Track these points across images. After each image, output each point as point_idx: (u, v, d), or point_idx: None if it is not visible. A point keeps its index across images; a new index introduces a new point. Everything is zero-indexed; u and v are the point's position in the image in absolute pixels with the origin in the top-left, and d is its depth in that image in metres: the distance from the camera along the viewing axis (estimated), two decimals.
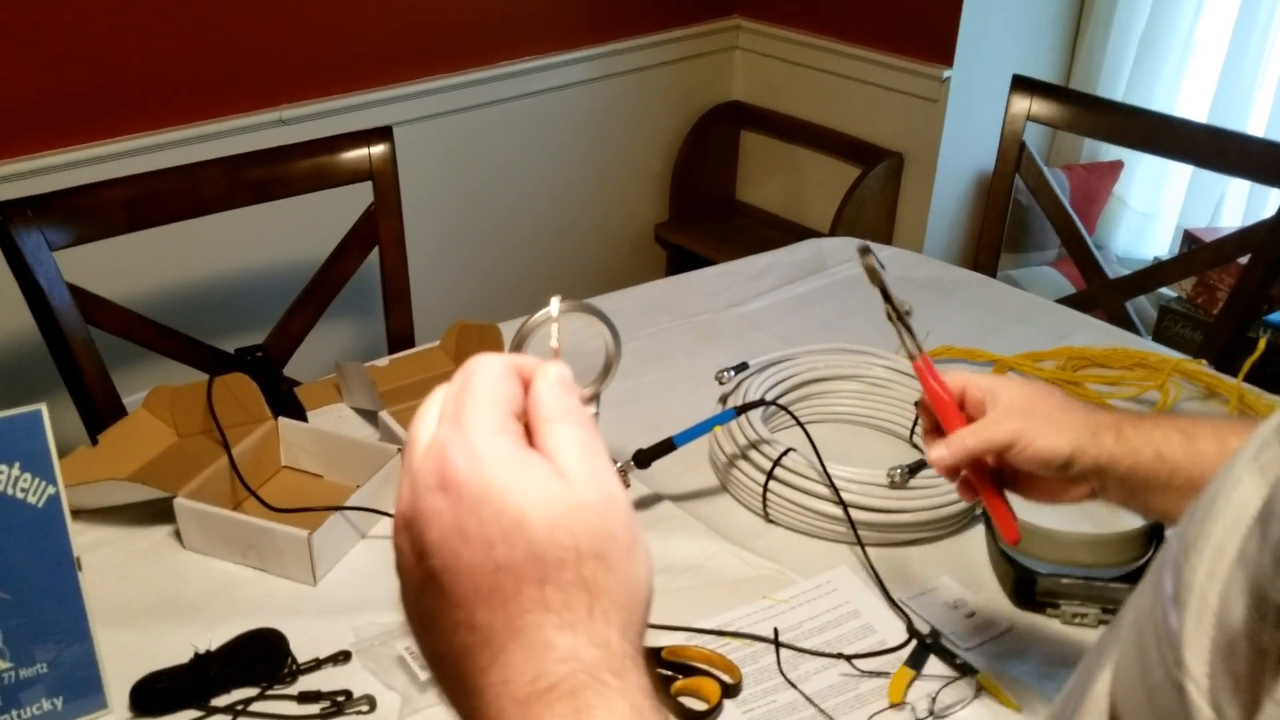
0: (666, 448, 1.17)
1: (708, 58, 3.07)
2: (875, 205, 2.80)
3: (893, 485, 1.14)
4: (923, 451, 1.26)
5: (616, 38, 2.85)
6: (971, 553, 1.15)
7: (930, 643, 1.02)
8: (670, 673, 0.98)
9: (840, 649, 1.02)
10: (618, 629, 0.44)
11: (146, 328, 1.57)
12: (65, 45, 2.08)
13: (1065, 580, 1.05)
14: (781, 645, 1.02)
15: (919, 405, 0.96)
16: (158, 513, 1.15)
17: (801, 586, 1.10)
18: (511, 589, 0.43)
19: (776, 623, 1.05)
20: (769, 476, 1.17)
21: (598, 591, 0.44)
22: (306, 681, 0.99)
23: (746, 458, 1.20)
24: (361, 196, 1.68)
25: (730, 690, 0.97)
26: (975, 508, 1.17)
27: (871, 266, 0.93)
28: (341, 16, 2.41)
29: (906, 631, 1.04)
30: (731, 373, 1.32)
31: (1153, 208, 2.98)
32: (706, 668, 0.99)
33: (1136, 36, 2.84)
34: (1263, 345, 1.30)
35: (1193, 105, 2.84)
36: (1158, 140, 1.88)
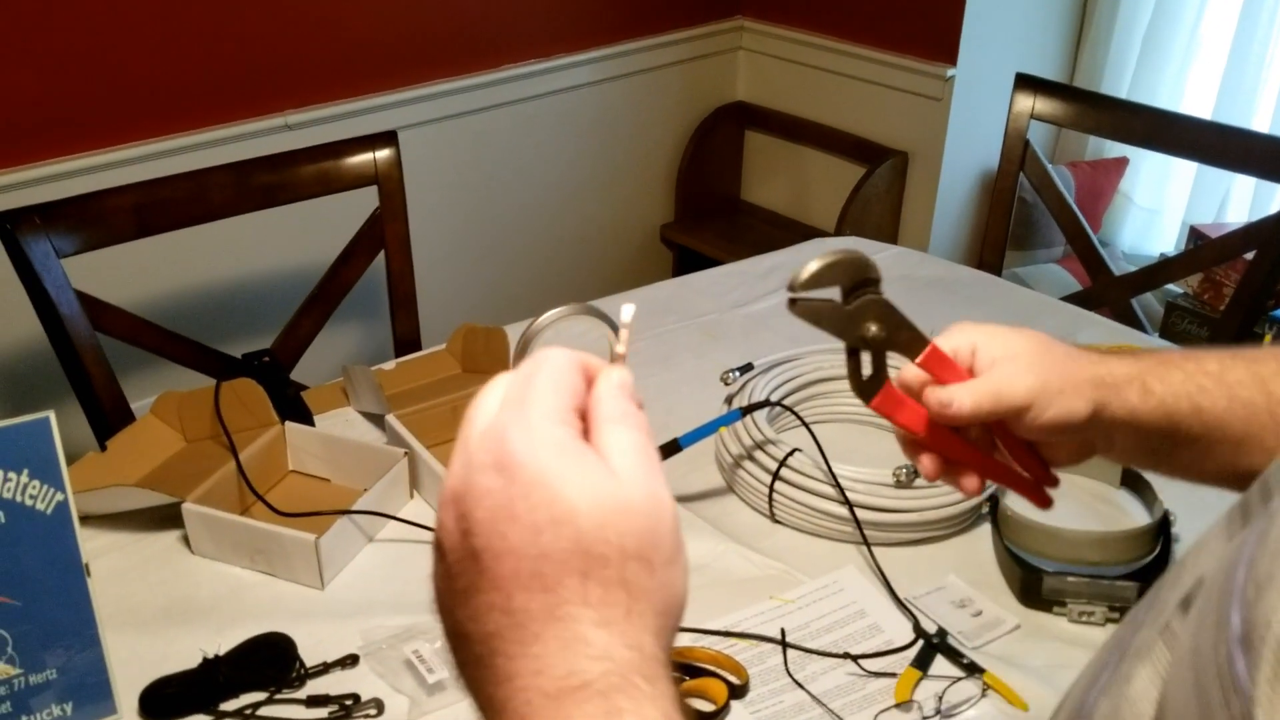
0: (672, 449, 1.17)
1: (712, 59, 3.07)
2: (880, 204, 2.79)
3: (898, 484, 1.14)
4: None
5: (620, 40, 2.86)
6: (978, 552, 1.15)
7: (937, 642, 1.02)
8: (677, 674, 0.98)
9: (847, 649, 1.02)
10: (652, 634, 0.44)
11: (154, 333, 1.58)
12: (70, 53, 2.09)
13: (1072, 579, 1.05)
14: (788, 646, 1.02)
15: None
16: (166, 518, 1.15)
17: (808, 587, 1.10)
18: (553, 578, 0.43)
19: (783, 623, 1.05)
20: (775, 477, 1.17)
21: (637, 593, 0.44)
22: (315, 685, 0.99)
23: (752, 458, 1.20)
24: (367, 201, 1.68)
25: (737, 691, 0.97)
26: (980, 506, 1.17)
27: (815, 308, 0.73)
28: (346, 21, 2.41)
29: (913, 631, 1.04)
30: (737, 373, 1.32)
31: (1158, 204, 2.97)
32: (713, 669, 0.99)
33: (1140, 34, 2.83)
34: (1269, 341, 1.30)
35: (1197, 102, 2.83)
36: (1162, 137, 1.88)
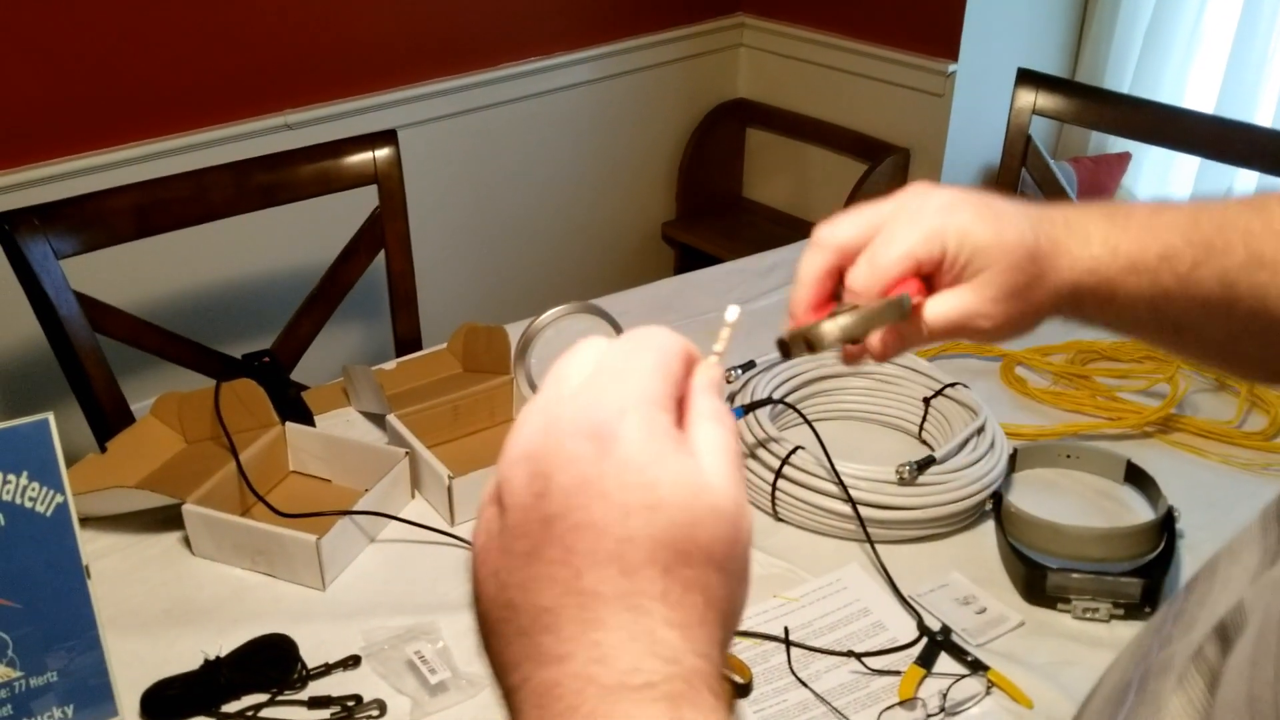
0: None
1: (712, 56, 3.06)
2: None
3: (901, 482, 1.13)
4: (930, 447, 1.26)
5: (620, 37, 2.85)
6: (981, 548, 1.15)
7: (941, 639, 1.02)
8: None
9: (851, 647, 1.02)
10: (718, 646, 0.42)
11: (154, 334, 1.57)
12: (68, 53, 2.09)
13: (1076, 575, 1.05)
14: (792, 644, 1.02)
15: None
16: (167, 519, 1.15)
17: (811, 585, 1.10)
18: (633, 565, 0.41)
19: (787, 621, 1.04)
20: (777, 475, 1.16)
21: (712, 600, 0.42)
22: (316, 687, 0.99)
23: (755, 456, 1.19)
24: (367, 200, 1.68)
25: (741, 690, 0.96)
26: (984, 503, 1.16)
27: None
28: (346, 21, 2.41)
29: (917, 629, 1.04)
30: (739, 371, 1.31)
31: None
32: None
33: (1142, 29, 2.83)
34: None
35: (1199, 97, 2.82)
36: (1165, 132, 1.88)
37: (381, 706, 0.96)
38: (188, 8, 2.19)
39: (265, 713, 0.96)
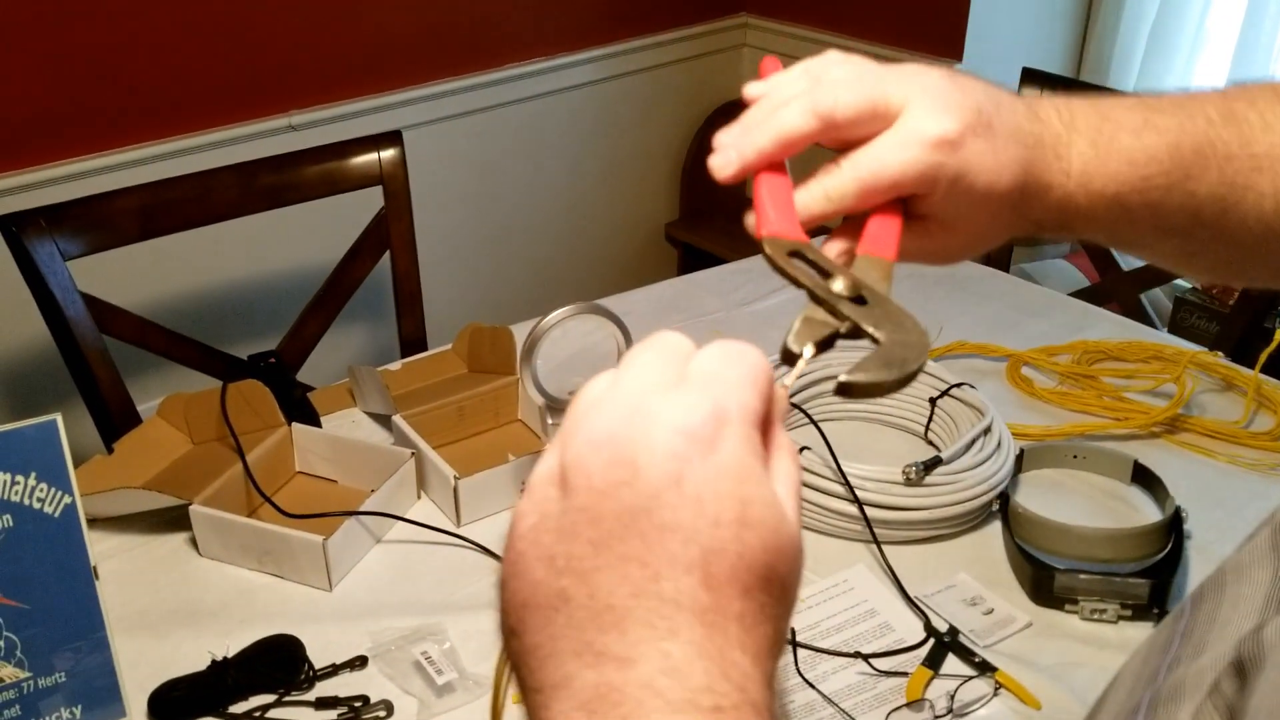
0: None
1: (715, 56, 3.06)
2: None
3: (908, 482, 1.13)
4: (936, 448, 1.25)
5: (624, 38, 2.85)
6: (988, 549, 1.14)
7: (948, 641, 1.02)
8: None
9: (858, 648, 1.01)
10: (774, 683, 0.40)
11: (160, 336, 1.57)
12: (73, 55, 2.09)
13: (1084, 576, 1.04)
14: (799, 645, 1.01)
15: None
16: (173, 520, 1.15)
17: (818, 586, 1.09)
18: (716, 579, 0.39)
19: (794, 622, 1.04)
20: None
21: (779, 635, 0.40)
22: (323, 687, 0.98)
23: None
24: (372, 201, 1.68)
25: None
26: (991, 504, 1.16)
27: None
28: (350, 22, 2.41)
29: (924, 630, 1.03)
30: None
31: None
32: None
33: (1147, 27, 2.82)
34: (1279, 336, 1.29)
35: None
36: None
37: (389, 707, 0.96)
38: (193, 9, 2.19)
39: (272, 713, 0.96)
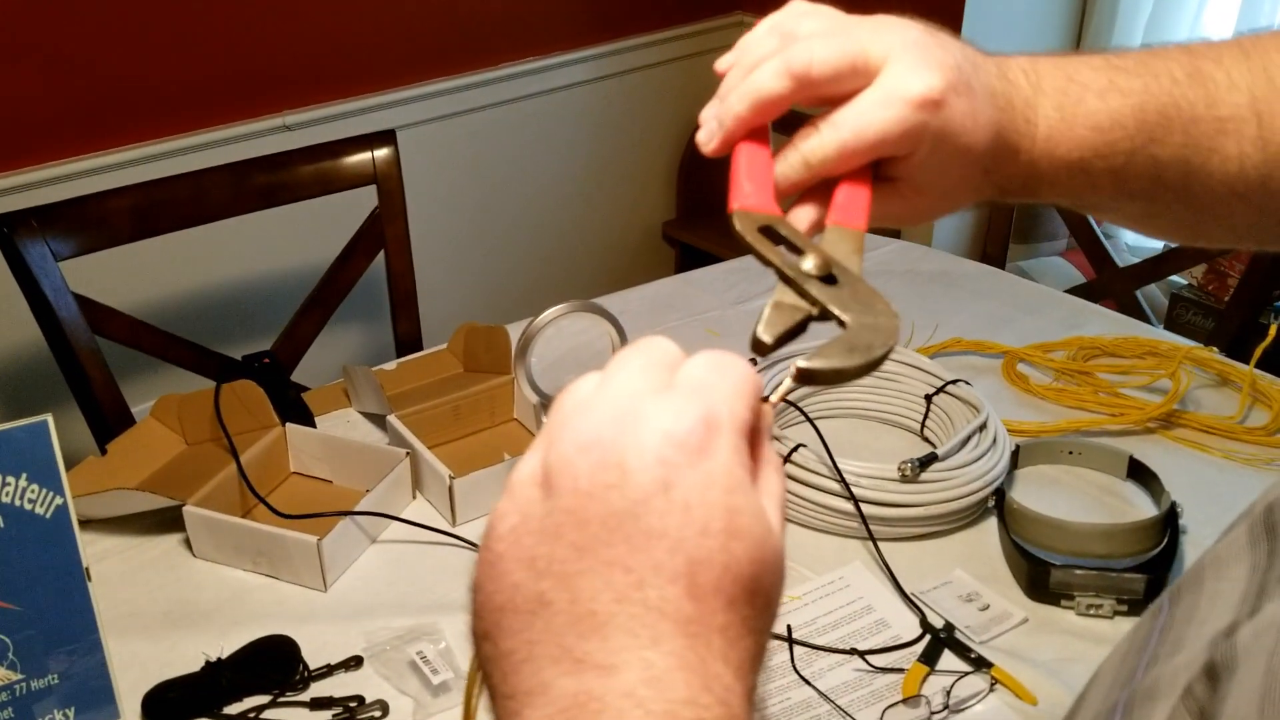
0: None
1: (712, 54, 3.03)
2: None
3: (904, 479, 1.13)
4: (932, 444, 1.25)
5: (619, 36, 2.85)
6: (984, 545, 1.14)
7: (944, 637, 1.02)
8: None
9: (854, 645, 1.01)
10: (754, 698, 0.39)
11: (153, 336, 1.57)
12: (67, 54, 2.08)
13: (1079, 571, 1.04)
14: (794, 642, 1.01)
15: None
16: (167, 521, 1.15)
17: (814, 583, 1.09)
18: (702, 589, 0.38)
19: (789, 620, 1.04)
20: None
21: (760, 649, 0.40)
22: (318, 688, 0.98)
23: None
24: (366, 201, 1.68)
25: None
26: (987, 500, 1.16)
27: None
28: (344, 21, 2.41)
29: (920, 626, 1.03)
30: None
31: None
32: None
33: (1141, 27, 2.82)
34: (1274, 331, 1.29)
35: None
36: None
37: (384, 707, 0.96)
38: (185, 9, 2.19)
39: (267, 714, 0.96)
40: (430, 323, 1.80)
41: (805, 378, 0.49)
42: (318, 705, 0.96)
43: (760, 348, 0.51)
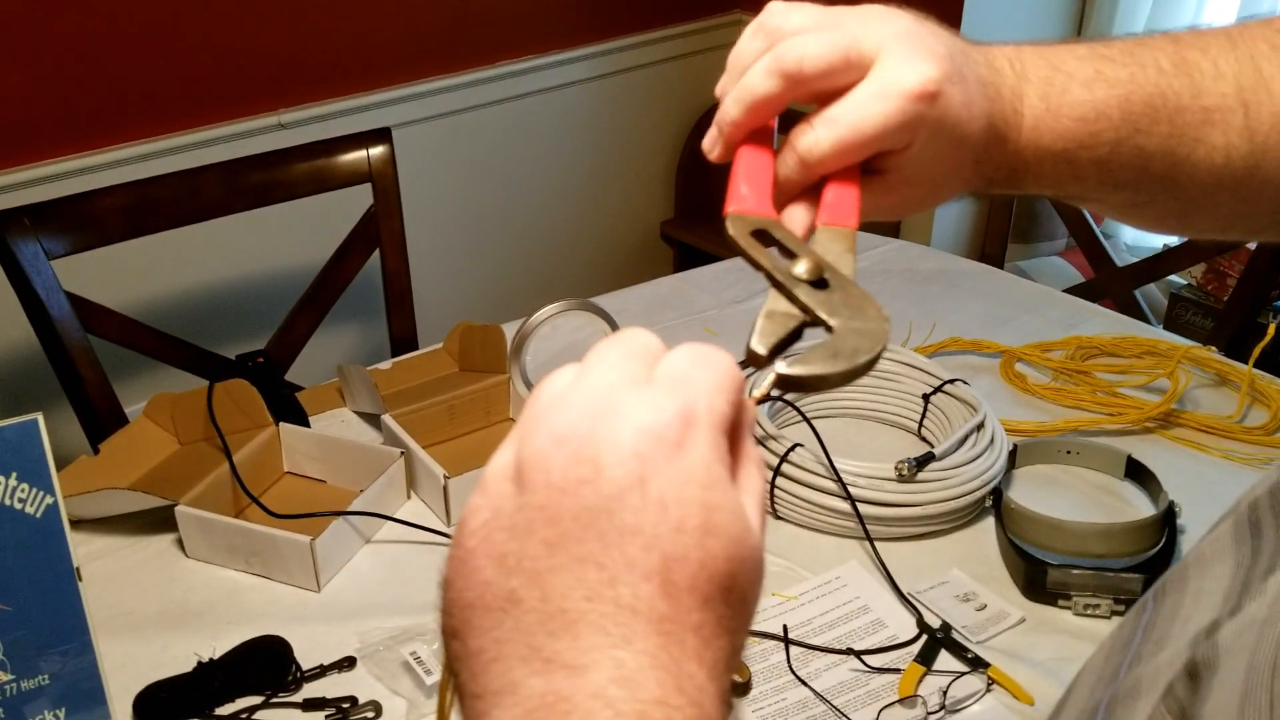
0: None
1: (710, 53, 3.05)
2: None
3: (901, 479, 1.12)
4: (929, 444, 1.25)
5: (617, 35, 2.84)
6: (981, 545, 1.14)
7: (941, 637, 1.01)
8: None
9: (850, 645, 1.01)
10: (728, 699, 0.39)
11: (147, 335, 1.56)
12: (60, 52, 2.08)
13: (1077, 571, 1.04)
14: (791, 643, 1.01)
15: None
16: (160, 521, 1.14)
17: (811, 583, 1.09)
18: (676, 587, 0.37)
19: (786, 620, 1.03)
20: (776, 473, 1.15)
21: (735, 649, 0.39)
22: (311, 689, 0.98)
23: None
24: (362, 199, 1.67)
25: (739, 689, 0.96)
26: (984, 499, 1.15)
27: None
28: (339, 19, 2.40)
29: (917, 626, 1.03)
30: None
31: None
32: None
33: (1140, 27, 2.82)
34: (1273, 330, 1.28)
35: None
36: None
37: (377, 708, 0.95)
38: (180, 6, 2.18)
39: (259, 715, 0.95)
40: (426, 322, 1.79)
41: (786, 384, 0.49)
42: (310, 706, 0.95)
43: (755, 360, 0.50)
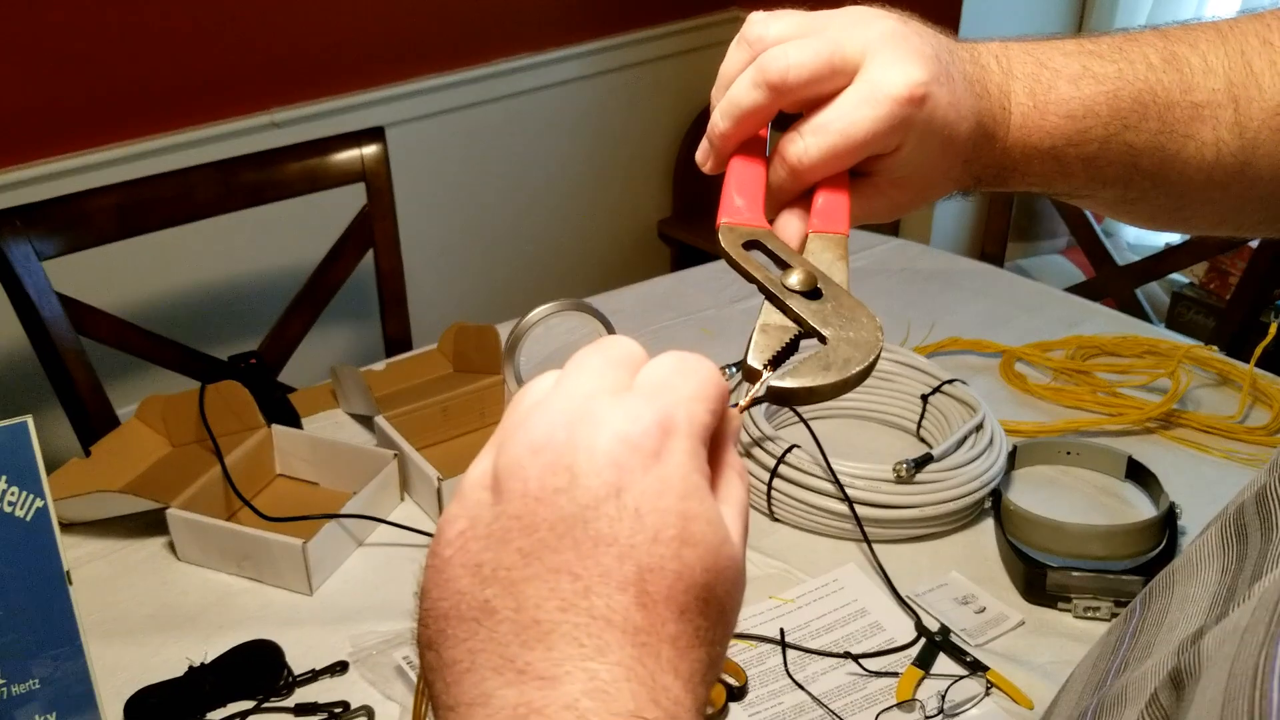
0: None
1: (707, 51, 3.04)
2: None
3: (899, 480, 1.11)
4: (928, 444, 1.24)
5: (613, 32, 2.83)
6: (980, 547, 1.13)
7: (939, 640, 1.00)
8: None
9: (848, 648, 1.00)
10: (704, 711, 0.39)
11: (139, 337, 1.55)
12: (51, 52, 2.07)
13: (1077, 574, 1.03)
14: (787, 646, 1.00)
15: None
16: (151, 524, 1.13)
17: (808, 586, 1.08)
18: (652, 598, 0.37)
19: (783, 623, 1.03)
20: (773, 474, 1.15)
21: (712, 661, 0.39)
22: (303, 693, 0.97)
23: (750, 455, 1.18)
24: (356, 199, 1.66)
25: (736, 693, 0.95)
26: (984, 501, 1.14)
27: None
28: (333, 17, 2.39)
29: (915, 629, 1.02)
30: (734, 369, 1.29)
31: None
32: None
33: (1140, 25, 2.82)
34: (1274, 330, 1.27)
35: None
36: None
37: (369, 713, 0.94)
38: (171, 4, 2.17)
39: None
40: (420, 323, 1.78)
41: (777, 397, 0.49)
42: (302, 711, 0.95)
43: (753, 375, 0.50)
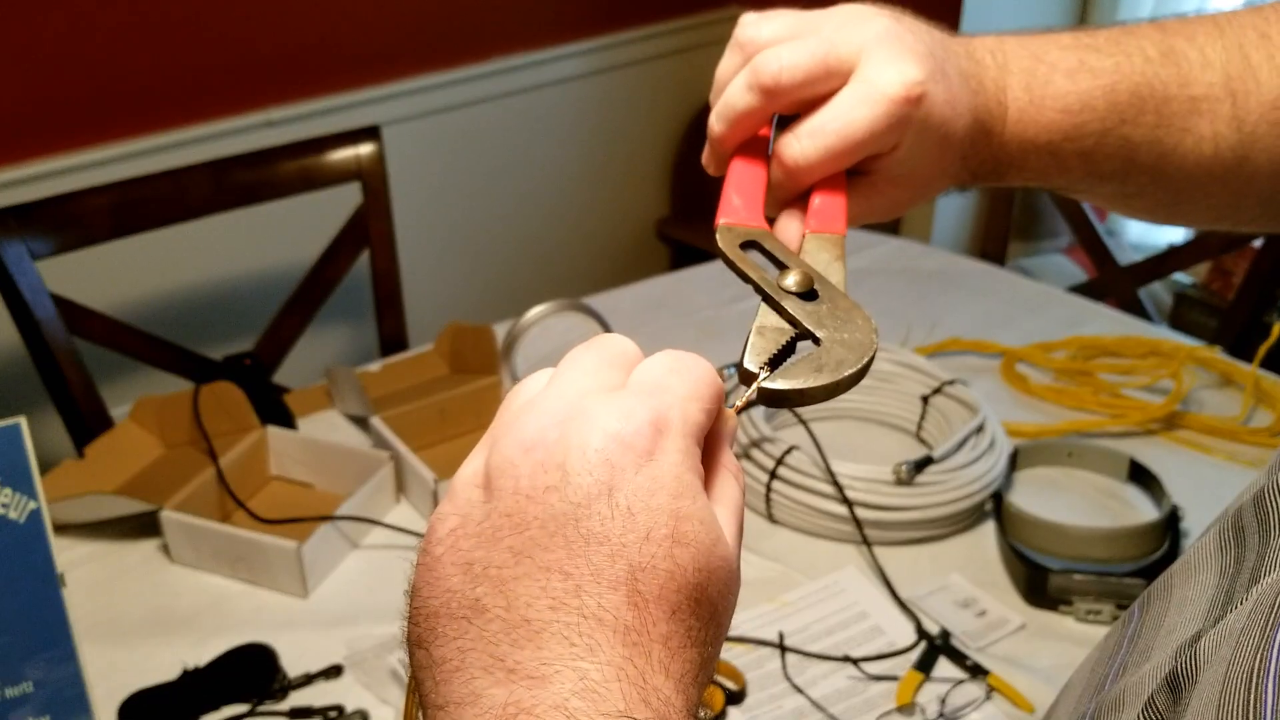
0: None
1: (705, 49, 3.03)
2: None
3: (899, 482, 1.10)
4: (928, 446, 1.23)
5: (611, 30, 2.82)
6: (981, 550, 1.12)
7: (940, 643, 0.99)
8: None
9: (848, 651, 0.99)
10: (695, 712, 0.38)
11: (133, 337, 1.55)
12: (45, 51, 2.06)
13: (1078, 576, 1.02)
14: (787, 649, 0.99)
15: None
16: (145, 526, 1.12)
17: (808, 588, 1.07)
18: (643, 597, 0.36)
19: (782, 626, 1.02)
20: (772, 476, 1.14)
21: (705, 661, 0.38)
22: (298, 697, 0.96)
23: (749, 457, 1.17)
24: (351, 198, 1.65)
25: (734, 697, 0.95)
26: (984, 503, 1.13)
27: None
28: (328, 15, 2.38)
29: (915, 632, 1.01)
30: (732, 370, 1.29)
31: None
32: None
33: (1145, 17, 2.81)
34: (1278, 330, 1.27)
35: None
36: None
37: (364, 716, 0.94)
38: (165, 3, 2.16)
39: None
40: (416, 323, 1.78)
41: (770, 398, 0.48)
42: (297, 715, 0.94)
43: (749, 378, 0.49)
